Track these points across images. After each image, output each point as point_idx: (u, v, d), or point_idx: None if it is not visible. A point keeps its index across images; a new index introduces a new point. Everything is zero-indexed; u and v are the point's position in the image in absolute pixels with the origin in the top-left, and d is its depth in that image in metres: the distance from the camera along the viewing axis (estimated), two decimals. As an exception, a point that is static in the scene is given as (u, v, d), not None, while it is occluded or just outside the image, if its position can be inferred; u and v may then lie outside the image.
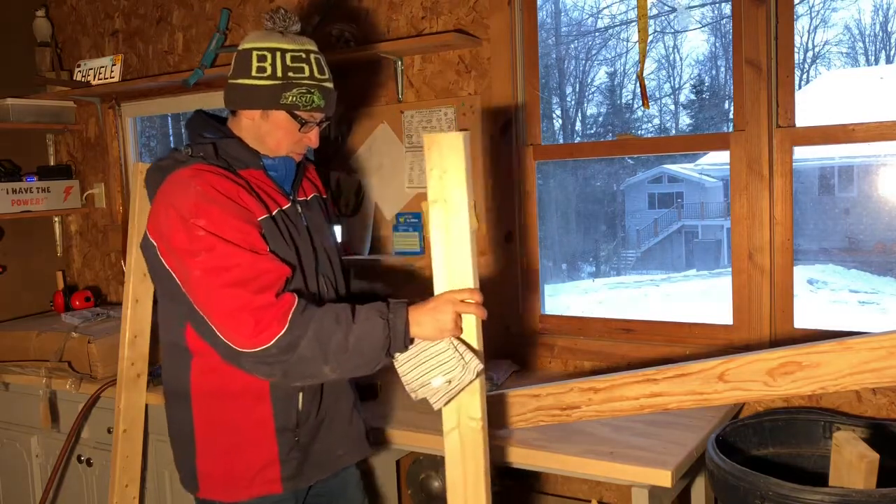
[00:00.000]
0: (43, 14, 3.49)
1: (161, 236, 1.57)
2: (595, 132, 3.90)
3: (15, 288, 3.41)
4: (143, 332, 2.43)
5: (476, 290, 1.54)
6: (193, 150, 1.64)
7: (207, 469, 1.69)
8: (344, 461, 1.82)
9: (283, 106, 1.64)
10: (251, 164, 1.67)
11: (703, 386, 1.58)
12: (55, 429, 2.77)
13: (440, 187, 1.51)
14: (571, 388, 1.74)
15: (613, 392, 1.69)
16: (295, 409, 1.68)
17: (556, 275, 3.48)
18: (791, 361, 1.46)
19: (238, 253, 1.51)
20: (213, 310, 1.50)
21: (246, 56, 1.64)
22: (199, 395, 1.67)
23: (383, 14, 2.73)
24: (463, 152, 1.49)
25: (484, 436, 1.54)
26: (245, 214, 1.56)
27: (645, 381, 1.65)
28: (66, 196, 3.48)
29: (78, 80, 3.30)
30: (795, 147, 2.19)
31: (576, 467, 1.84)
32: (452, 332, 1.51)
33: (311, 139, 1.73)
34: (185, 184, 1.56)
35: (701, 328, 2.37)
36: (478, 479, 1.54)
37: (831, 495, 1.53)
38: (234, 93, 1.67)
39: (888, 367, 1.36)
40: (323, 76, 1.68)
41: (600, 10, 3.06)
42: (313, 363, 1.49)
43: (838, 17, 3.12)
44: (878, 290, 3.93)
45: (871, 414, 2.09)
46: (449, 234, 1.52)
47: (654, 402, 1.65)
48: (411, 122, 2.71)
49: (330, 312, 1.51)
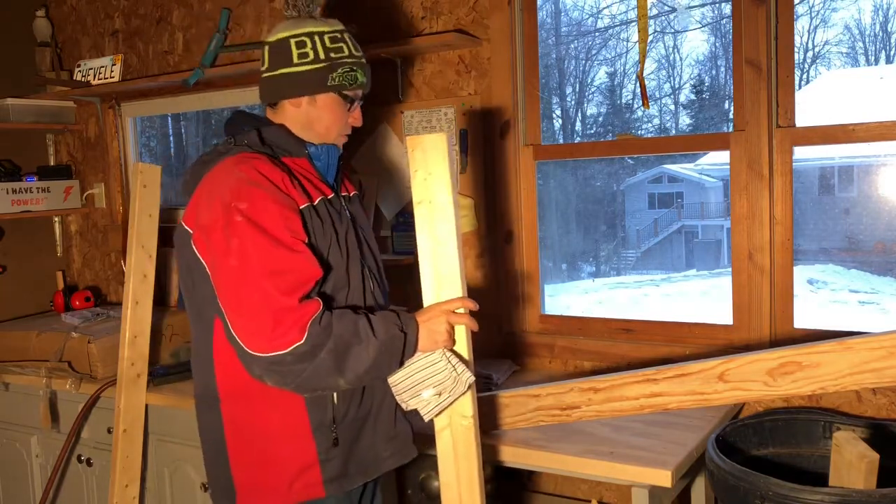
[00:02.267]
0: (43, 14, 3.49)
1: (197, 223, 1.53)
2: (595, 132, 3.89)
3: (15, 288, 3.41)
4: (143, 332, 2.43)
5: (468, 299, 1.52)
6: (237, 139, 1.61)
7: (243, 478, 1.61)
8: (389, 463, 1.71)
9: (332, 87, 1.63)
10: (295, 151, 1.64)
11: (703, 386, 1.58)
12: (55, 429, 2.77)
13: (425, 188, 1.52)
14: (571, 388, 1.74)
15: (613, 392, 1.69)
16: (331, 404, 1.59)
17: (556, 275, 3.48)
18: (791, 361, 1.46)
19: (274, 247, 1.45)
20: (235, 303, 1.45)
21: (283, 45, 1.63)
22: (228, 402, 1.60)
23: (383, 14, 2.73)
24: (446, 152, 1.51)
25: (476, 434, 1.53)
26: (288, 202, 1.52)
27: (645, 381, 1.65)
28: (66, 196, 3.48)
29: (78, 80, 3.30)
30: (795, 147, 2.19)
31: (576, 467, 1.84)
32: (446, 343, 1.50)
33: (356, 118, 1.72)
34: (230, 171, 1.52)
35: (701, 328, 2.37)
36: (471, 477, 1.54)
37: (831, 495, 1.53)
38: (275, 84, 1.64)
39: (888, 367, 1.36)
40: (359, 53, 1.69)
41: (600, 10, 3.06)
42: (329, 376, 1.45)
43: (838, 17, 3.12)
44: (878, 290, 3.92)
45: (871, 414, 2.09)
46: (435, 235, 1.52)
47: (655, 402, 1.65)
48: (411, 122, 2.71)
49: (349, 324, 1.46)
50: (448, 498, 1.56)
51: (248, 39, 3.02)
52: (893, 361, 1.33)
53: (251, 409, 1.58)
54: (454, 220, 1.51)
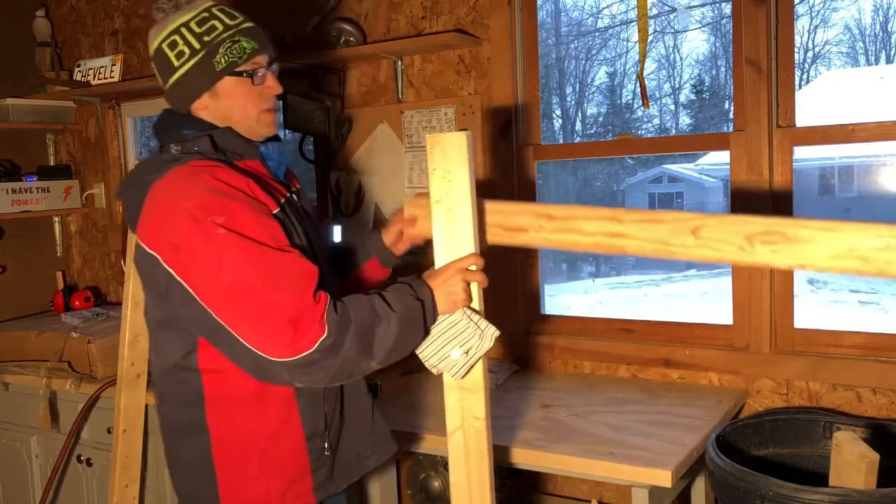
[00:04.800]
0: (43, 14, 3.49)
1: (166, 242, 1.40)
2: (595, 132, 3.89)
3: (15, 288, 3.41)
4: (143, 332, 2.42)
5: (478, 255, 1.50)
6: (184, 146, 1.49)
7: (232, 496, 1.54)
8: (370, 462, 1.70)
9: (222, 71, 1.50)
10: (248, 153, 1.54)
11: (671, 237, 1.39)
12: (55, 429, 2.77)
13: (443, 187, 1.50)
14: (525, 209, 1.57)
15: (570, 223, 1.50)
16: (322, 410, 1.56)
17: (556, 275, 3.48)
18: (776, 231, 1.31)
19: (267, 253, 1.37)
20: (243, 320, 1.36)
21: (160, 54, 1.52)
22: (217, 419, 1.52)
23: (383, 14, 2.73)
24: (466, 152, 1.48)
25: (488, 435, 1.53)
26: (262, 208, 1.43)
27: (610, 219, 1.46)
28: (65, 196, 3.48)
29: (78, 80, 3.30)
30: (795, 147, 2.19)
31: (576, 467, 1.84)
32: (464, 302, 1.49)
33: (270, 87, 1.57)
34: (189, 181, 1.40)
35: (701, 328, 2.37)
36: (482, 479, 1.53)
37: (831, 495, 1.53)
38: (173, 95, 1.54)
39: (878, 260, 1.26)
40: (236, 20, 1.53)
41: (600, 10, 3.06)
42: (360, 360, 1.40)
43: (838, 17, 3.12)
44: (878, 290, 3.92)
45: (871, 414, 2.09)
46: (451, 235, 1.50)
47: (612, 243, 1.47)
48: (411, 122, 2.71)
49: (364, 304, 1.41)
50: (458, 497, 1.55)
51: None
52: (887, 255, 1.24)
53: (245, 426, 1.52)
54: (471, 220, 1.50)
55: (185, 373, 1.52)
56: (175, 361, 1.52)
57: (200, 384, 1.51)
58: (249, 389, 1.49)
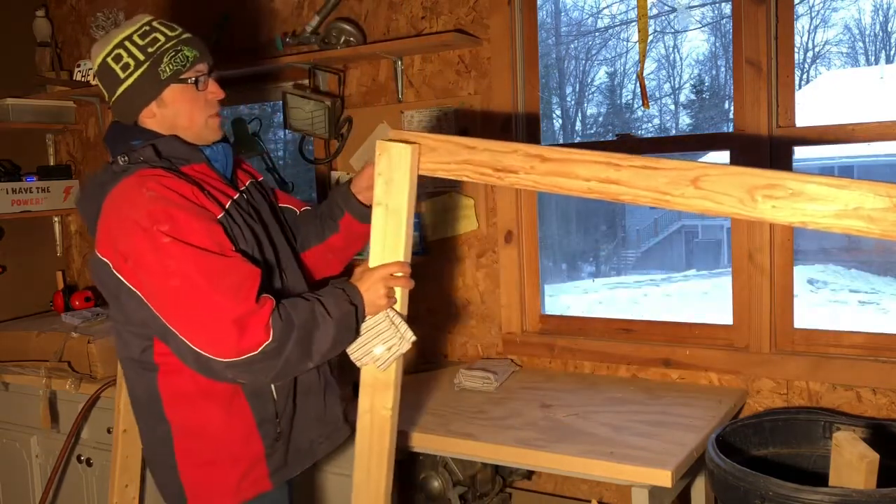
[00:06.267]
0: (43, 14, 3.49)
1: (116, 251, 1.50)
2: (595, 132, 3.90)
3: (15, 288, 3.41)
4: (142, 332, 2.43)
5: (404, 263, 1.59)
6: (130, 157, 1.57)
7: (193, 481, 1.65)
8: (323, 448, 1.80)
9: (167, 80, 1.59)
10: (193, 158, 1.62)
11: (670, 186, 1.35)
12: (55, 429, 2.77)
13: (384, 193, 1.58)
14: (517, 149, 1.53)
15: (564, 166, 1.46)
16: (271, 400, 1.66)
17: (556, 275, 3.48)
18: (780, 185, 1.27)
19: (210, 258, 1.47)
20: (188, 322, 1.46)
21: (105, 68, 1.60)
22: (172, 407, 1.63)
23: (383, 14, 2.73)
24: (410, 164, 1.54)
25: (393, 421, 1.65)
26: (206, 214, 1.52)
27: (606, 163, 1.42)
28: (65, 196, 3.48)
29: (78, 80, 3.30)
30: (795, 147, 2.19)
31: (576, 467, 1.84)
32: (387, 305, 1.59)
33: (214, 92, 1.66)
34: (136, 191, 1.50)
35: (701, 328, 2.37)
36: (381, 453, 1.66)
37: (831, 495, 1.53)
38: (120, 106, 1.62)
39: (883, 220, 1.22)
40: (176, 31, 1.63)
41: (600, 10, 3.06)
42: (299, 362, 1.52)
43: (838, 17, 3.13)
44: (878, 290, 3.92)
45: (871, 414, 2.09)
46: (386, 238, 1.59)
47: (606, 190, 1.42)
48: (411, 122, 2.71)
49: (307, 310, 1.52)
50: (360, 467, 1.68)
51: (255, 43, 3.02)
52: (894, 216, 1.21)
53: (198, 414, 1.62)
54: (405, 228, 1.58)
55: (143, 366, 1.63)
56: (134, 356, 1.64)
57: (156, 378, 1.62)
58: (201, 383, 1.57)
